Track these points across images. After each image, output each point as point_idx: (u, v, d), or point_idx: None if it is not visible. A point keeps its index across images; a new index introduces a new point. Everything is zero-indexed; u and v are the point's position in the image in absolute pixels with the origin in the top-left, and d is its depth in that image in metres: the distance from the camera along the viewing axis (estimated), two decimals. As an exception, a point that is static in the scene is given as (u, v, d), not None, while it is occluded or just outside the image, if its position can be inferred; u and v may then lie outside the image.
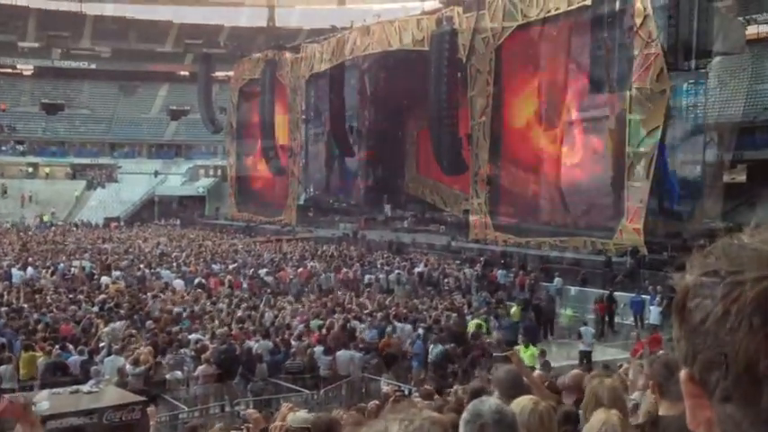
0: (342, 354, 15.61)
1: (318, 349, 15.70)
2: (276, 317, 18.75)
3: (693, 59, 27.65)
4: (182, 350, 15.22)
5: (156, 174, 65.40)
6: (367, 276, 27.16)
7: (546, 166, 33.95)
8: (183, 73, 74.26)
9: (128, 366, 13.71)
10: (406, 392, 11.04)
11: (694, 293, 0.88)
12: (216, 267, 28.62)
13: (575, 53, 32.11)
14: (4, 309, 18.58)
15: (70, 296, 20.88)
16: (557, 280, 25.70)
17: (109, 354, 14.43)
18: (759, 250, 0.84)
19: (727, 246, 0.88)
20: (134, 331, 16.43)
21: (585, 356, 17.65)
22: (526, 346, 15.44)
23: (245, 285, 24.93)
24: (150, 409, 9.36)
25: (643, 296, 22.40)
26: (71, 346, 14.97)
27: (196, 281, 25.21)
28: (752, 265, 0.83)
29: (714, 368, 0.84)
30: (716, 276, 0.85)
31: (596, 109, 31.76)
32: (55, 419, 9.34)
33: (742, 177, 31.06)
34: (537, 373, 8.39)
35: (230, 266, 28.89)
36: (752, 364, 0.80)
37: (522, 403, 3.16)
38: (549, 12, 32.06)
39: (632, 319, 22.32)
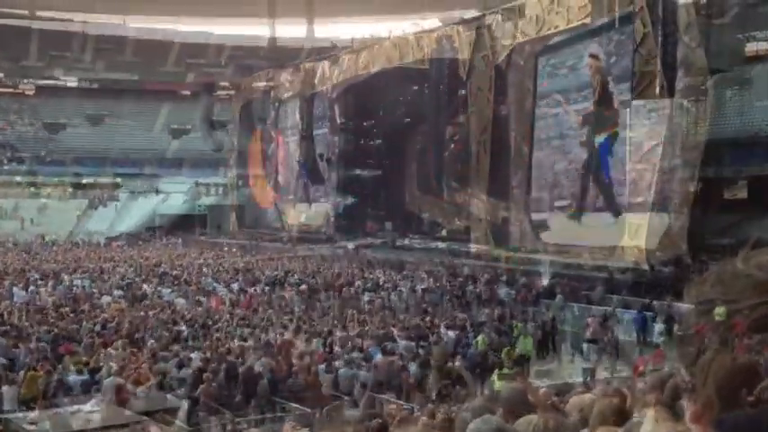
0: (344, 372, 15.55)
1: (320, 367, 15.65)
2: (278, 335, 18.69)
3: (692, 76, 27.75)
4: (183, 369, 15.19)
5: (158, 192, 65.44)
6: (368, 294, 27.10)
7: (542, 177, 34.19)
8: (184, 92, 74.53)
9: (129, 386, 13.66)
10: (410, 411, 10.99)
11: (693, 323, 0.88)
12: (217, 286, 28.60)
13: (572, 73, 32.30)
14: (5, 328, 18.54)
15: (71, 315, 20.82)
16: (558, 296, 25.63)
17: (109, 373, 14.38)
18: (753, 277, 0.84)
19: (721, 273, 0.87)
20: (135, 350, 16.40)
21: (588, 374, 17.57)
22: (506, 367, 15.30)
23: (246, 303, 24.88)
24: (152, 428, 9.33)
25: (645, 313, 22.31)
26: (72, 366, 14.93)
27: (197, 299, 25.17)
28: (746, 293, 0.83)
29: (710, 393, 0.84)
30: (712, 305, 0.85)
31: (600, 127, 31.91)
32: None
33: (743, 194, 31.01)
34: (542, 390, 8.36)
35: (231, 285, 28.87)
36: (744, 389, 0.80)
37: (532, 422, 3.15)
38: (548, 30, 32.21)
39: (634, 336, 22.23)
